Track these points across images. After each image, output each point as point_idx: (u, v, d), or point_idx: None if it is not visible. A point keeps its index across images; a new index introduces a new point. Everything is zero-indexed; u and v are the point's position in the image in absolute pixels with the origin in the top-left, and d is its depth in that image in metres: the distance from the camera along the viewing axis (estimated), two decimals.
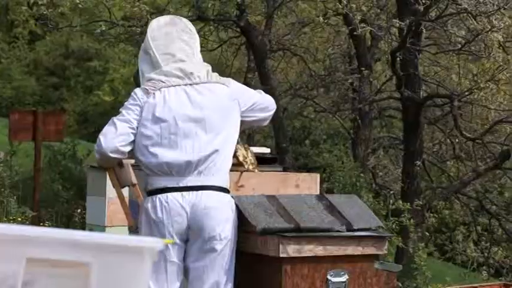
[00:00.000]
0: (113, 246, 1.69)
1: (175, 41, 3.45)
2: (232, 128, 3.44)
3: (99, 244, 1.67)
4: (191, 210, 3.23)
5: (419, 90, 9.80)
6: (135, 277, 1.70)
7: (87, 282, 1.64)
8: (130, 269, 1.69)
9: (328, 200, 4.43)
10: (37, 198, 7.90)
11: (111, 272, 1.66)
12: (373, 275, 4.24)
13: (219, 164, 3.37)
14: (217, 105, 3.37)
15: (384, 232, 4.57)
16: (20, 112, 8.92)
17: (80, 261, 1.64)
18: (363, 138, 9.99)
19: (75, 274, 1.65)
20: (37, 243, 1.59)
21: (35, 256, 1.56)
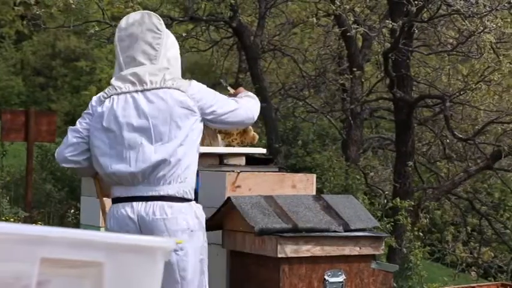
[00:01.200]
0: (126, 246, 1.69)
1: (138, 42, 3.25)
2: (186, 135, 3.16)
3: (112, 244, 1.67)
4: (140, 221, 3.08)
5: (411, 91, 9.84)
6: (147, 277, 1.71)
7: (100, 282, 1.64)
8: (143, 269, 1.69)
9: (325, 200, 4.45)
10: (29, 198, 7.86)
11: (124, 271, 1.66)
12: (370, 275, 4.26)
13: (172, 173, 3.10)
14: (166, 112, 3.15)
15: (380, 232, 4.60)
16: (11, 112, 8.88)
17: (93, 261, 1.64)
18: (355, 139, 10.00)
19: (89, 274, 1.65)
20: (51, 243, 1.58)
21: (49, 256, 1.56)
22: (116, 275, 1.65)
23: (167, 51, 3.28)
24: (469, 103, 9.67)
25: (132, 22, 3.29)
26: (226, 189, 4.45)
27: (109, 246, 1.67)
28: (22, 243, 1.56)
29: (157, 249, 1.70)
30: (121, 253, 1.67)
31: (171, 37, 3.35)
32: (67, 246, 1.61)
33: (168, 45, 3.29)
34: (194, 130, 3.19)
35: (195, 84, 3.30)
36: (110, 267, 1.65)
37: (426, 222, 7.02)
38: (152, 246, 1.71)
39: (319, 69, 12.11)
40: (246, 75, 12.20)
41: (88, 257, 1.63)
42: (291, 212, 4.22)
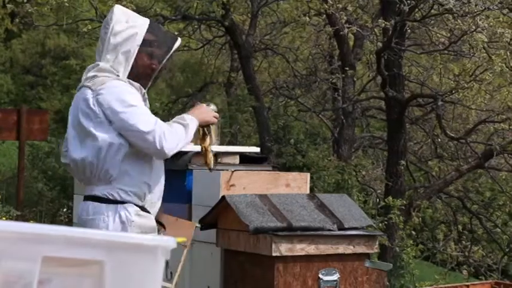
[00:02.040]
0: (127, 245, 1.69)
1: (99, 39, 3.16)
2: (104, 135, 2.93)
3: (113, 243, 1.67)
4: (79, 219, 3.05)
5: (403, 90, 9.86)
6: (148, 275, 1.71)
7: (101, 280, 1.64)
8: (144, 268, 1.69)
9: (319, 199, 4.46)
10: (21, 197, 7.84)
11: (125, 270, 1.66)
12: (364, 274, 4.27)
13: (97, 173, 2.94)
14: (79, 111, 3.00)
15: (374, 231, 4.61)
16: (3, 111, 8.84)
17: (94, 260, 1.64)
18: (347, 138, 10.02)
19: (90, 272, 1.65)
20: (53, 242, 1.58)
21: (50, 255, 1.56)
22: (116, 274, 1.65)
23: (117, 46, 3.00)
24: (461, 102, 9.70)
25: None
26: (220, 188, 4.46)
27: (110, 244, 1.67)
28: (24, 242, 1.56)
29: (158, 248, 1.71)
30: (122, 252, 1.67)
31: (127, 30, 3.01)
32: (68, 245, 1.61)
33: (116, 38, 3.00)
34: (112, 133, 2.93)
35: (111, 85, 2.96)
36: (110, 265, 1.65)
37: (419, 221, 7.04)
38: (153, 245, 1.71)
39: (310, 68, 12.13)
40: (238, 74, 12.21)
41: (89, 256, 1.63)
42: (286, 210, 4.22)
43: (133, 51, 3.01)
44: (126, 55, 3.01)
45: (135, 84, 3.02)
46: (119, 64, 3.02)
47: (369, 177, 13.64)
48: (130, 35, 3.01)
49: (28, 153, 10.27)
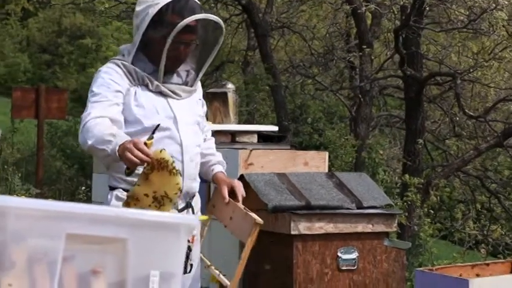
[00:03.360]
0: (150, 223, 1.70)
1: None
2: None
3: (136, 220, 1.68)
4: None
5: (421, 68, 9.79)
6: (171, 253, 1.72)
7: (124, 258, 1.65)
8: (167, 245, 1.70)
9: (337, 177, 4.45)
10: (40, 175, 7.89)
11: (148, 248, 1.67)
12: (383, 252, 4.27)
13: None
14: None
15: (393, 209, 4.61)
16: (22, 89, 8.88)
17: (117, 237, 1.65)
18: (364, 117, 9.97)
19: (113, 250, 1.66)
20: (76, 219, 1.60)
21: (74, 232, 1.57)
22: (139, 251, 1.66)
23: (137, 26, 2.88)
24: (480, 81, 9.62)
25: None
26: (239, 167, 4.46)
27: (133, 222, 1.68)
28: (48, 219, 1.57)
29: (181, 226, 1.71)
30: (145, 229, 1.68)
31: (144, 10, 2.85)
32: (91, 222, 1.62)
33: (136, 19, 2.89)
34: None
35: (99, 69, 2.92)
36: (133, 243, 1.66)
37: (436, 200, 7.02)
38: (176, 222, 1.72)
39: (327, 46, 12.06)
40: (255, 53, 12.17)
41: (112, 233, 1.64)
42: (304, 189, 4.22)
43: (142, 28, 2.83)
44: (137, 34, 2.86)
45: (128, 67, 2.84)
46: (132, 45, 2.90)
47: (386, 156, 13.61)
48: (145, 14, 2.85)
49: (46, 132, 10.33)
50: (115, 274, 1.68)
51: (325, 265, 4.09)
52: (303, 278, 4.03)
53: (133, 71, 2.84)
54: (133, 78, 2.85)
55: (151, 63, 2.87)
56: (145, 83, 2.85)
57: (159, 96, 2.87)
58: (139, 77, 2.85)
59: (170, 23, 2.78)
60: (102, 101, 2.77)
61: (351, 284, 4.16)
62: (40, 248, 1.58)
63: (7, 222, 1.53)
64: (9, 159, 8.88)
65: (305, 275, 4.03)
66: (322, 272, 4.07)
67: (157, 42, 2.81)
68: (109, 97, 2.78)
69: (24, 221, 1.55)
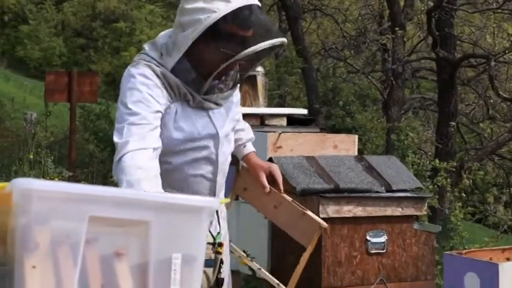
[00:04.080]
0: (173, 206, 1.71)
1: None
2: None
3: (159, 203, 1.69)
4: None
5: (454, 50, 9.68)
6: (193, 236, 1.73)
7: (147, 240, 1.67)
8: (189, 228, 1.71)
9: (367, 161, 4.43)
10: (73, 158, 7.98)
11: (171, 230, 1.68)
12: (413, 236, 4.25)
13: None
14: None
15: (423, 193, 4.57)
16: (55, 73, 8.97)
17: (140, 220, 1.66)
18: (396, 100, 9.90)
19: (136, 232, 1.68)
20: (99, 202, 1.61)
21: (97, 214, 1.59)
22: (162, 234, 1.68)
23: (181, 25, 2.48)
24: None
25: None
26: (267, 150, 4.46)
27: (156, 205, 1.69)
28: (71, 202, 1.58)
29: (202, 209, 1.72)
30: (168, 212, 1.69)
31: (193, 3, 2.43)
32: (114, 205, 1.64)
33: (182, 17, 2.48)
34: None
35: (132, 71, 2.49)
36: (156, 226, 1.67)
37: (469, 183, 6.96)
38: (198, 205, 1.73)
39: (359, 29, 11.97)
40: (286, 36, 12.12)
41: (135, 216, 1.66)
42: (333, 172, 4.21)
43: (193, 35, 2.39)
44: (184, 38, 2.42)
45: (169, 79, 2.46)
46: (173, 46, 2.47)
47: (419, 139, 13.50)
48: (198, 18, 2.39)
49: (79, 115, 10.43)
50: (137, 256, 1.70)
51: (353, 248, 4.08)
52: (331, 261, 4.03)
53: (175, 86, 2.47)
54: (175, 93, 2.48)
55: (195, 72, 2.49)
56: (187, 99, 2.50)
57: (200, 111, 2.55)
58: (181, 92, 2.48)
59: (233, 36, 2.38)
60: (142, 125, 2.36)
61: (380, 268, 4.14)
62: (63, 230, 1.60)
63: (31, 205, 1.56)
64: (43, 142, 8.99)
65: (333, 258, 4.03)
66: (350, 255, 4.06)
67: (212, 54, 2.41)
68: (149, 119, 2.38)
69: (47, 203, 1.57)
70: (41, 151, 8.26)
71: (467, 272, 3.26)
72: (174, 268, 1.70)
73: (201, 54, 2.45)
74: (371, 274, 4.12)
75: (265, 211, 2.90)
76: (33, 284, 1.54)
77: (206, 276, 2.61)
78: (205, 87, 2.51)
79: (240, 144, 2.92)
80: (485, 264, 3.19)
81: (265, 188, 2.84)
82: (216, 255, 2.63)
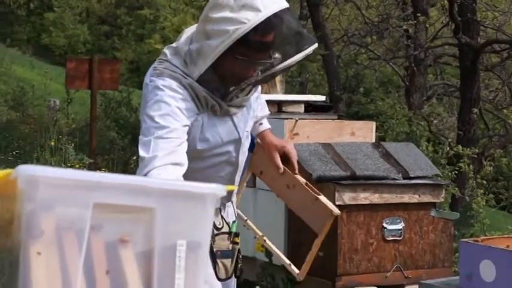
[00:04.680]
0: (177, 192, 1.71)
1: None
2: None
3: (164, 190, 1.69)
4: None
5: (477, 36, 9.57)
6: (198, 223, 1.73)
7: (152, 227, 1.67)
8: (194, 215, 1.71)
9: (384, 148, 4.41)
10: (94, 145, 8.02)
11: (175, 217, 1.69)
12: (430, 223, 4.23)
13: None
14: None
15: (441, 180, 4.54)
16: (76, 60, 9.02)
17: (145, 207, 1.66)
18: (418, 86, 9.82)
19: (141, 219, 1.68)
20: (103, 189, 1.62)
21: (101, 201, 1.59)
22: (167, 221, 1.68)
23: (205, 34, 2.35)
24: None
25: None
26: (284, 137, 4.45)
27: (161, 192, 1.69)
28: (75, 189, 1.59)
29: (207, 196, 1.72)
30: (172, 199, 1.69)
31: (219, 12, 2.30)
32: (119, 192, 1.64)
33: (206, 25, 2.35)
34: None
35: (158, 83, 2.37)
36: (161, 212, 1.67)
37: (490, 170, 6.89)
38: (202, 192, 1.72)
39: (382, 15, 11.88)
40: (307, 22, 12.06)
41: (139, 203, 1.66)
42: (350, 159, 4.19)
43: (220, 46, 2.27)
44: (210, 48, 2.30)
45: (196, 90, 2.37)
46: (197, 55, 2.35)
47: (442, 125, 13.41)
48: (226, 30, 2.26)
49: (100, 103, 10.49)
50: (142, 243, 1.70)
51: (370, 235, 4.07)
52: (347, 248, 4.02)
53: (203, 98, 2.39)
54: (202, 104, 2.39)
55: (220, 82, 2.40)
56: (215, 109, 2.43)
57: (225, 117, 2.48)
58: (208, 104, 2.40)
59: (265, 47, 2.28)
60: (170, 139, 2.28)
61: (397, 255, 4.13)
62: (68, 217, 1.60)
63: (36, 192, 1.56)
64: (64, 129, 9.06)
65: (350, 245, 4.02)
66: (367, 242, 4.06)
67: (241, 66, 2.32)
68: (178, 133, 2.30)
69: (52, 190, 1.58)
70: (62, 138, 8.32)
71: (483, 260, 3.24)
72: (179, 255, 1.70)
73: (230, 66, 2.33)
74: (387, 261, 4.12)
75: (278, 191, 2.80)
76: (38, 270, 1.55)
77: (224, 267, 2.58)
78: (232, 95, 2.43)
79: (255, 122, 2.79)
80: (501, 252, 3.17)
81: (279, 169, 2.72)
82: (233, 245, 2.61)
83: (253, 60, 2.29)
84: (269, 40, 2.27)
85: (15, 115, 11.97)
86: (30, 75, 14.20)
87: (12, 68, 13.30)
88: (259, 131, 2.80)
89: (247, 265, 3.85)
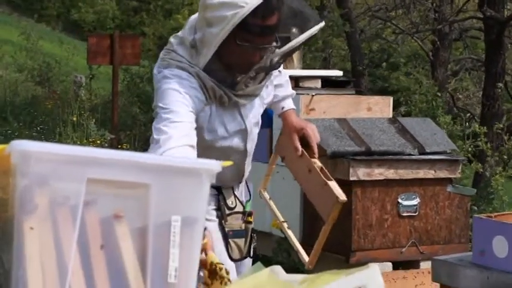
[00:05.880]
0: (172, 168, 1.71)
1: None
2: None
3: (158, 166, 1.69)
4: None
5: (503, 8, 9.42)
6: (193, 199, 1.73)
7: (146, 203, 1.68)
8: (189, 191, 1.71)
9: (400, 123, 4.38)
10: (116, 121, 8.07)
11: (170, 193, 1.69)
12: (446, 199, 4.20)
13: None
14: None
15: (458, 155, 4.50)
16: (97, 36, 9.05)
17: (139, 183, 1.67)
18: (442, 61, 9.71)
19: (135, 195, 1.68)
20: (98, 164, 1.62)
21: (96, 177, 1.60)
22: (162, 197, 1.68)
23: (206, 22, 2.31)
24: None
25: None
26: (300, 112, 4.43)
27: (155, 168, 1.69)
28: (68, 164, 1.60)
29: (202, 171, 1.72)
30: (167, 175, 1.69)
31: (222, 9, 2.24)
32: (113, 168, 1.65)
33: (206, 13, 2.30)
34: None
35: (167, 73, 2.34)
36: (155, 188, 1.67)
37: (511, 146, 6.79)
38: (198, 168, 1.72)
39: None
40: None
41: (133, 178, 1.66)
42: (365, 135, 4.17)
43: (222, 33, 2.22)
44: (213, 36, 2.25)
45: (204, 80, 2.34)
46: (201, 44, 2.31)
47: (469, 100, 13.28)
48: (226, 15, 2.20)
49: (123, 78, 10.51)
50: (137, 219, 1.71)
51: (385, 211, 4.06)
52: (362, 224, 4.01)
53: (211, 88, 2.35)
54: (210, 95, 2.37)
55: (227, 70, 2.36)
56: (223, 101, 2.40)
57: (233, 109, 2.45)
58: (216, 95, 2.37)
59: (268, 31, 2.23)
60: (183, 122, 2.27)
61: (412, 230, 4.12)
62: (62, 192, 1.61)
63: (29, 166, 1.57)
64: (86, 105, 9.11)
65: (364, 221, 4.01)
66: (381, 218, 4.04)
67: (245, 52, 2.27)
68: (189, 118, 2.29)
69: (45, 165, 1.59)
70: (84, 113, 8.37)
71: (496, 235, 3.21)
72: (174, 230, 1.71)
73: (234, 53, 2.27)
74: (402, 237, 4.10)
75: (295, 175, 2.70)
76: (31, 245, 1.56)
77: (238, 247, 2.56)
78: (241, 84, 2.38)
79: (277, 101, 2.72)
80: None
81: (297, 151, 2.63)
82: (246, 225, 2.59)
83: (256, 46, 2.23)
84: (270, 23, 2.21)
85: (41, 91, 12.05)
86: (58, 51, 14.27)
87: (40, 43, 13.38)
88: (280, 111, 2.72)
89: (263, 241, 3.87)
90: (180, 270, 1.65)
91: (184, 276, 1.65)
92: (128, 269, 1.62)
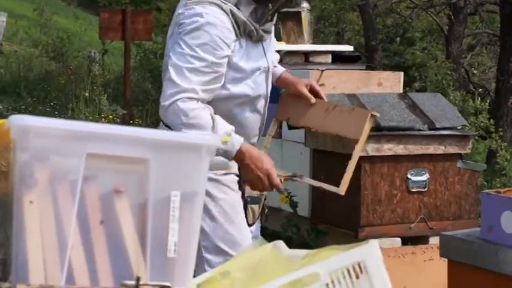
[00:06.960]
0: (172, 143, 1.71)
1: None
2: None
3: (158, 141, 1.70)
4: None
5: None
6: (193, 174, 1.73)
7: (146, 178, 1.68)
8: (189, 166, 1.71)
9: (410, 98, 4.35)
10: (128, 96, 8.09)
11: (170, 168, 1.69)
12: (456, 174, 4.18)
13: None
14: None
15: (468, 131, 4.48)
16: (109, 11, 9.05)
17: (139, 158, 1.67)
18: (457, 35, 9.62)
19: (135, 170, 1.69)
20: (97, 139, 1.63)
21: (95, 152, 1.61)
22: (161, 172, 1.69)
23: None
24: None
25: None
26: None
27: (155, 142, 1.70)
28: (67, 139, 1.60)
29: (202, 146, 1.72)
30: (166, 150, 1.70)
31: None
32: (112, 142, 1.65)
33: None
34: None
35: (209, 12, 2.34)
36: (155, 164, 1.68)
37: None
38: (197, 143, 1.72)
39: None
40: None
41: (133, 153, 1.67)
42: (374, 110, 4.15)
43: None
44: None
45: (237, 17, 2.37)
46: None
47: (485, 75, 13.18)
48: None
49: (136, 53, 10.51)
50: (137, 195, 1.72)
51: (394, 187, 4.04)
52: (370, 200, 4.01)
53: (242, 24, 2.37)
54: (240, 31, 2.39)
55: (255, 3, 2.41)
56: (251, 35, 2.43)
57: (257, 44, 2.49)
58: (246, 29, 2.40)
59: None
60: (207, 73, 2.30)
61: (421, 206, 4.11)
62: (62, 167, 1.62)
63: (28, 141, 1.58)
64: (99, 80, 9.13)
65: (373, 196, 4.01)
66: (390, 193, 4.03)
67: None
68: (215, 68, 2.32)
69: (45, 140, 1.59)
70: (97, 89, 8.39)
71: (504, 211, 3.19)
72: (173, 205, 1.72)
73: None
74: (411, 212, 4.09)
75: (312, 123, 2.78)
76: (31, 219, 1.57)
77: (252, 212, 2.67)
78: (267, 17, 2.43)
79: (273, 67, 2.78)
80: None
81: (311, 99, 2.70)
82: (261, 192, 2.67)
83: None
84: None
85: (55, 66, 12.08)
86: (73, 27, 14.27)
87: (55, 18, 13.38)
88: (278, 74, 2.78)
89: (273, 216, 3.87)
90: (180, 245, 1.66)
91: (184, 251, 1.66)
92: (128, 244, 1.63)
